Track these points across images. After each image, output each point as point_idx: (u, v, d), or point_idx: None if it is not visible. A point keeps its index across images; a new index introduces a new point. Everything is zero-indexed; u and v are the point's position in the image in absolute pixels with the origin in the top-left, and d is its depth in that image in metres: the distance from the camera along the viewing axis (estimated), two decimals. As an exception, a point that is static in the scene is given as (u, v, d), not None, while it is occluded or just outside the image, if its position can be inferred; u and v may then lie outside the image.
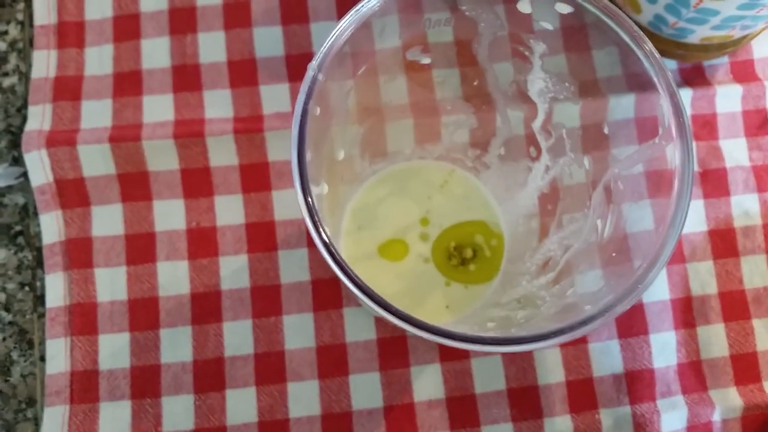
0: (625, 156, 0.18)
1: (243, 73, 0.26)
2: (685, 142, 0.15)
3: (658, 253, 0.15)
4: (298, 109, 0.15)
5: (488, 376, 0.24)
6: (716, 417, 0.24)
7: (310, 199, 0.14)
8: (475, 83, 0.23)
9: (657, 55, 0.16)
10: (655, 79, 0.16)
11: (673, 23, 0.24)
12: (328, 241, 0.14)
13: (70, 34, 0.27)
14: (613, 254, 0.17)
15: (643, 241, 0.16)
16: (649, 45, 0.16)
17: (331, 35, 0.16)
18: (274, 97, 0.26)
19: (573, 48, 0.20)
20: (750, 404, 0.24)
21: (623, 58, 0.17)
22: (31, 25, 0.27)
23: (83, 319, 0.24)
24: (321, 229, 0.14)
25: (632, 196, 0.18)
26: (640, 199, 0.17)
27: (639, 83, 0.17)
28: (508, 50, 0.20)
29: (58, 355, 0.23)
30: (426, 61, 0.22)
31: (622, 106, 0.19)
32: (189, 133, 0.25)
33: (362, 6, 0.16)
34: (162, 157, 0.25)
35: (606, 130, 0.19)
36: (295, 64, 0.26)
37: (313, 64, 0.15)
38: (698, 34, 0.24)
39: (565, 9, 0.17)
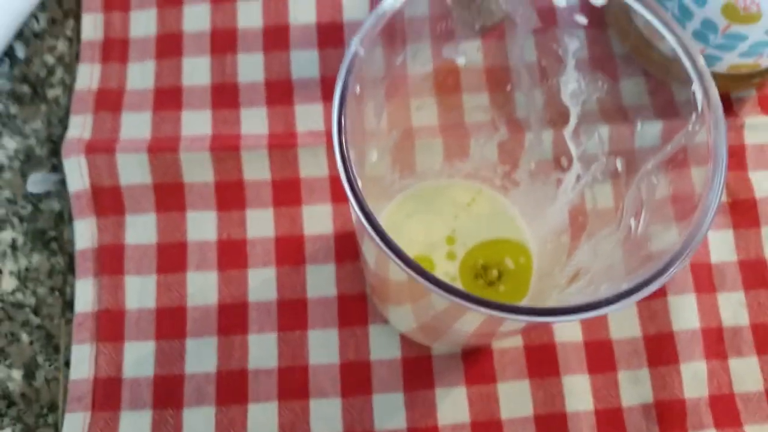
0: (657, 149, 0.18)
1: (279, 92, 0.27)
2: (716, 121, 0.15)
3: (692, 232, 0.15)
4: (341, 72, 0.15)
5: (515, 402, 0.23)
6: (751, 454, 0.23)
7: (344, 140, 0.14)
8: (507, 99, 0.23)
9: (692, 45, 0.16)
10: (687, 63, 0.16)
11: (701, 50, 0.24)
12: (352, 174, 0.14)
13: (115, 49, 0.28)
14: (642, 252, 0.17)
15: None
16: (687, 40, 0.16)
17: (375, 12, 0.16)
18: (308, 116, 0.27)
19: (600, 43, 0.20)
20: (785, 442, 0.23)
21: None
22: (79, 41, 0.28)
23: (110, 326, 0.24)
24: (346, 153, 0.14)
25: (669, 189, 0.18)
26: (677, 192, 0.17)
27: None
28: (540, 49, 0.20)
29: (82, 361, 0.23)
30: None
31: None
32: (225, 146, 0.25)
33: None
34: (198, 169, 0.25)
35: (639, 128, 0.19)
36: (330, 86, 0.27)
37: (356, 39, 0.16)
38: (726, 62, 0.25)
39: (599, 1, 0.18)
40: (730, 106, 0.27)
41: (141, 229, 0.25)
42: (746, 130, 0.27)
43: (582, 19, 0.18)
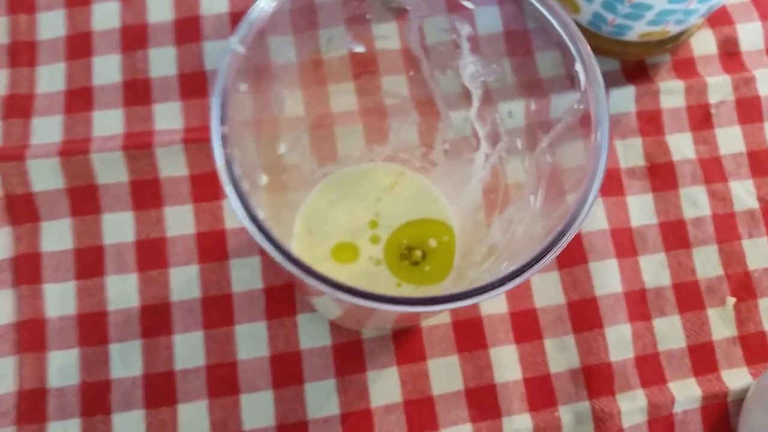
0: (552, 129, 0.19)
1: (193, 86, 0.26)
2: (597, 98, 0.16)
3: (586, 186, 0.15)
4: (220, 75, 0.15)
5: (445, 377, 0.24)
6: (677, 409, 0.24)
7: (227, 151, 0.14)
8: (418, 82, 0.23)
9: (573, 27, 0.16)
10: (567, 40, 0.16)
11: (611, 20, 0.25)
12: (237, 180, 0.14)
13: (23, 53, 0.27)
14: (539, 227, 0.18)
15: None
16: (564, 15, 0.16)
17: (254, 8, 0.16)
18: (225, 108, 0.26)
19: (491, 27, 0.20)
20: (709, 394, 0.24)
21: (545, 31, 0.17)
22: (-18, 46, 0.27)
23: (32, 336, 0.23)
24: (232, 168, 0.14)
25: (563, 162, 0.18)
26: (570, 165, 0.18)
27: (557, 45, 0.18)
28: (438, 36, 0.20)
29: (6, 375, 0.23)
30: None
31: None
32: (138, 144, 0.25)
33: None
34: (111, 170, 0.25)
35: (532, 107, 0.20)
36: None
37: (234, 39, 0.15)
38: (636, 30, 0.25)
39: None
40: (645, 72, 0.28)
41: (57, 236, 0.24)
42: (662, 95, 0.27)
43: (469, 4, 0.18)
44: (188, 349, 0.23)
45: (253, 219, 0.14)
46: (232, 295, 0.24)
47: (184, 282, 0.24)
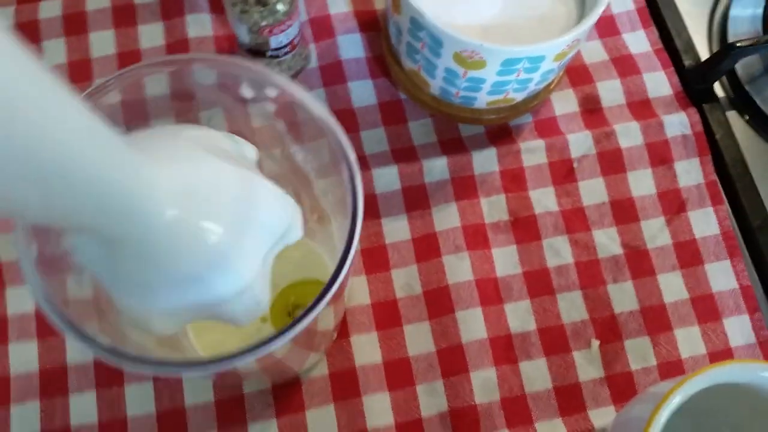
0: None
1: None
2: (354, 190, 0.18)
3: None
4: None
5: (321, 426, 0.26)
6: (543, 447, 0.26)
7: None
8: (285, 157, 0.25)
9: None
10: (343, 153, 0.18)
11: (456, 92, 0.27)
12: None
13: None
14: None
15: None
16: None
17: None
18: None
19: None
20: None
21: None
22: None
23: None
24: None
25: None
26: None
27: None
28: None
29: None
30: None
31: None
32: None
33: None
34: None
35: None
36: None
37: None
38: (481, 100, 0.28)
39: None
40: (509, 134, 0.30)
41: None
42: (523, 154, 0.30)
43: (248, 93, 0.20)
44: (83, 408, 0.25)
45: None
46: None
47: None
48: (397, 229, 0.29)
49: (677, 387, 0.21)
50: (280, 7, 0.27)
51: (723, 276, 0.29)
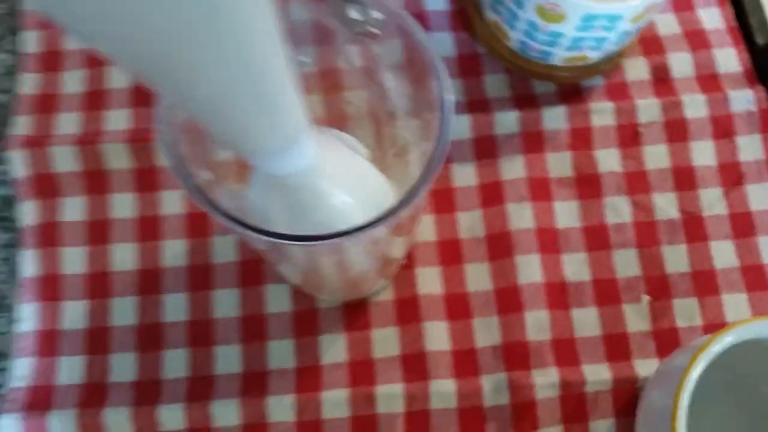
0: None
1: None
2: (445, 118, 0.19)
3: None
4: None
5: (384, 344, 0.28)
6: (588, 388, 0.28)
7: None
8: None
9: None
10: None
11: (535, 46, 0.29)
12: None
13: (52, 60, 0.32)
14: None
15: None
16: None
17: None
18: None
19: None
20: (619, 378, 0.28)
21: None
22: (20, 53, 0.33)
23: (50, 288, 0.29)
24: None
25: None
26: None
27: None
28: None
29: (28, 318, 0.28)
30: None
31: None
32: (142, 138, 0.30)
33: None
34: (117, 158, 0.30)
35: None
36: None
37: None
38: (558, 56, 0.29)
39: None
40: (579, 94, 0.32)
41: (72, 210, 0.29)
42: (592, 114, 0.31)
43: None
44: (174, 307, 0.28)
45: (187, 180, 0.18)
46: (213, 266, 0.29)
47: (174, 254, 0.29)
48: (465, 175, 0.30)
49: (718, 334, 0.22)
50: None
51: (775, 248, 0.30)
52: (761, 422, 0.27)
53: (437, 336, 0.28)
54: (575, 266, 0.30)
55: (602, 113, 0.31)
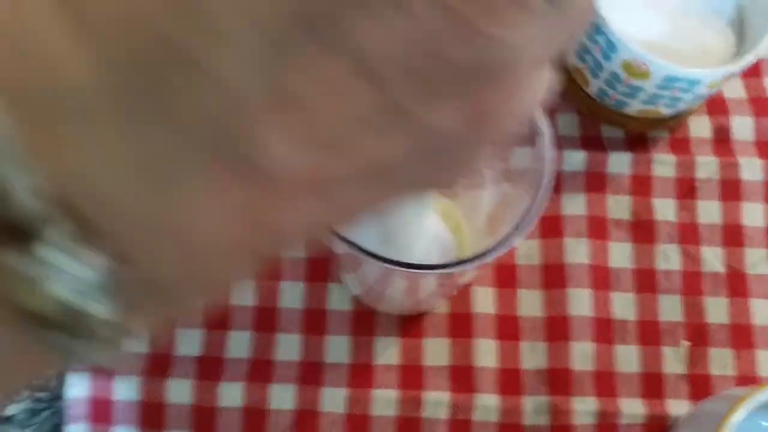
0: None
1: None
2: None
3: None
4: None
5: (436, 353, 0.30)
6: (622, 420, 0.29)
7: None
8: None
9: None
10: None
11: (613, 95, 0.31)
12: None
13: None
14: None
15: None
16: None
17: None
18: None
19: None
20: (652, 414, 0.29)
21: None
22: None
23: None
24: None
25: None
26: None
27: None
28: None
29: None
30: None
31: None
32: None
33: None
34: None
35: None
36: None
37: None
38: (633, 107, 0.31)
39: None
40: (645, 143, 0.34)
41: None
42: (654, 164, 0.33)
43: None
44: (241, 292, 0.30)
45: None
46: (282, 258, 0.31)
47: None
48: (527, 205, 0.32)
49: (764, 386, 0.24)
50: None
51: (814, 314, 0.31)
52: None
53: (486, 353, 0.30)
54: (623, 305, 0.31)
55: (664, 164, 0.33)
